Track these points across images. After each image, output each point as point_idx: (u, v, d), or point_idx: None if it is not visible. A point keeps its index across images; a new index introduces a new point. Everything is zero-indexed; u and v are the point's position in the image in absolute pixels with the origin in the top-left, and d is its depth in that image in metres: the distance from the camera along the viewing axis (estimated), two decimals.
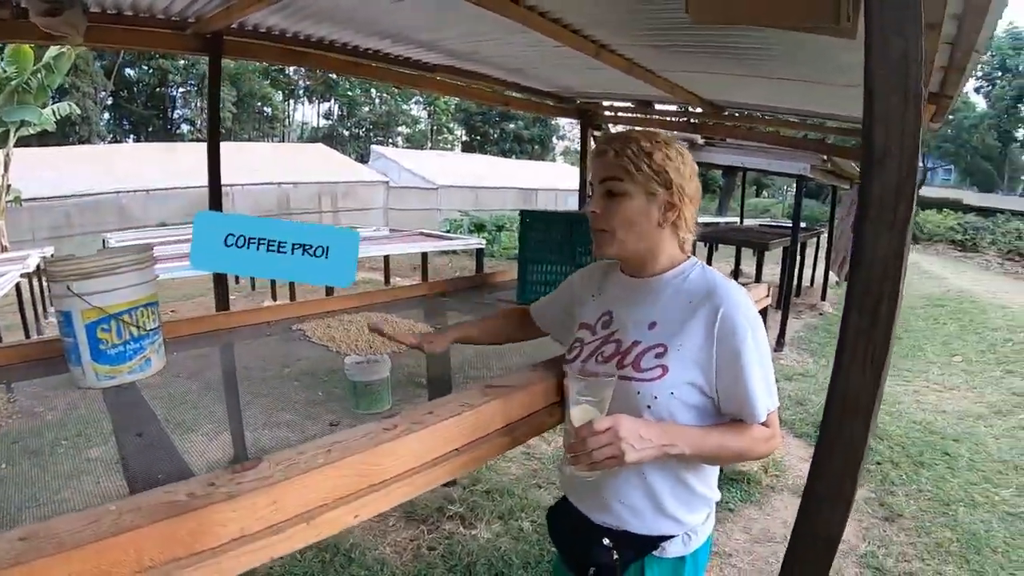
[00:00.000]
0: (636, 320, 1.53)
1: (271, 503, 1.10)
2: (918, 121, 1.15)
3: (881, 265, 1.21)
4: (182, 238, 9.27)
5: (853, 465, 1.32)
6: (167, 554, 0.99)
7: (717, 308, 1.43)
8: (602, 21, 3.32)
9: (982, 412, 5.87)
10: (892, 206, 1.19)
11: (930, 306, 10.87)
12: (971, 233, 23.24)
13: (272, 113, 42.39)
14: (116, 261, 1.99)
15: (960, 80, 3.32)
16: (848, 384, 1.29)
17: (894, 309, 1.22)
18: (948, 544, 3.68)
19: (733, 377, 1.42)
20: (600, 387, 1.37)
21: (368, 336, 2.51)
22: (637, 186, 1.47)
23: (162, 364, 2.16)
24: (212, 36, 3.59)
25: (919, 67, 1.15)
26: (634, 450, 1.31)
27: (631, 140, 1.48)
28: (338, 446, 1.25)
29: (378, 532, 3.65)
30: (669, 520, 1.52)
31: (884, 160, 1.18)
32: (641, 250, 1.53)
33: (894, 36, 1.15)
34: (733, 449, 1.45)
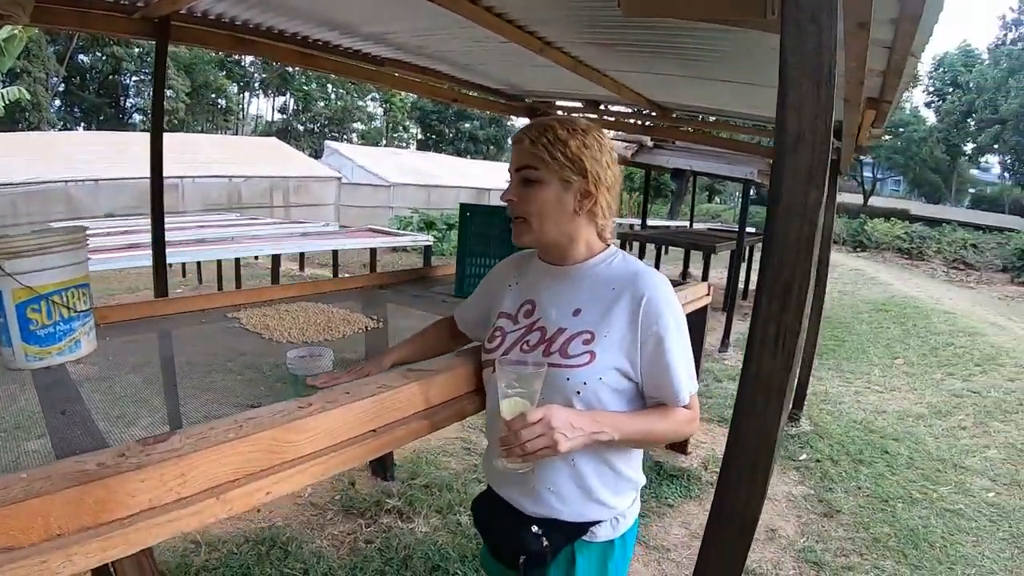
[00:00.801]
0: (560, 308, 1.53)
1: (179, 475, 1.10)
2: (830, 107, 1.17)
3: (792, 251, 1.22)
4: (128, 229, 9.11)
5: (766, 448, 1.33)
6: (75, 523, 0.98)
7: (641, 295, 1.45)
8: (545, 18, 3.33)
9: (922, 412, 6.00)
10: (803, 191, 1.20)
11: (875, 311, 11.07)
12: (917, 242, 23.78)
13: (226, 105, 41.96)
14: (48, 240, 1.94)
15: (898, 84, 3.37)
16: (760, 368, 1.30)
17: (805, 295, 1.23)
18: (886, 539, 3.74)
19: (657, 362, 1.45)
20: (530, 379, 1.37)
21: (301, 326, 2.49)
22: (552, 174, 1.48)
23: (92, 347, 2.12)
24: (160, 21, 3.53)
25: (832, 55, 1.17)
26: (567, 439, 1.32)
27: (547, 128, 1.49)
28: (250, 422, 1.24)
29: (315, 525, 3.61)
30: (597, 505, 1.53)
31: (796, 147, 1.19)
32: (559, 238, 1.54)
33: (808, 24, 1.17)
34: (658, 432, 1.49)
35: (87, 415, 1.59)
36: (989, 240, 23.83)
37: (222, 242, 8.07)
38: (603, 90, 4.88)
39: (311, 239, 8.85)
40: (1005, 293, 17.46)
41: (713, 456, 4.72)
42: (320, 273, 12.49)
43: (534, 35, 3.61)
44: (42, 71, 29.36)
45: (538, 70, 4.50)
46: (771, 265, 1.25)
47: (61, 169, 16.18)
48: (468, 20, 3.20)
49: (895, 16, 2.30)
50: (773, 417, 1.31)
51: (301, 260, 12.89)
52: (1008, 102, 30.29)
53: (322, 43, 4.34)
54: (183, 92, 34.29)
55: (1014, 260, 20.14)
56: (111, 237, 7.96)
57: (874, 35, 2.32)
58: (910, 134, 35.84)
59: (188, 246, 7.44)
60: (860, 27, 2.04)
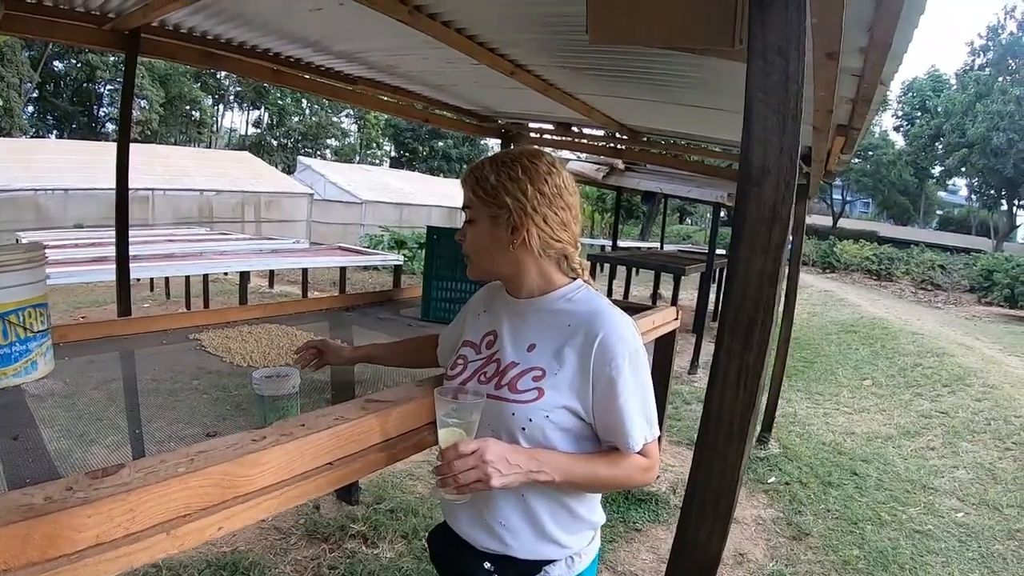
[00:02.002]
0: (515, 341, 1.51)
1: (128, 511, 1.06)
2: (796, 142, 1.15)
3: (755, 288, 1.21)
4: (96, 241, 9.02)
5: (729, 488, 1.31)
6: (21, 558, 0.95)
7: (596, 335, 1.40)
8: (516, 40, 3.33)
9: (891, 433, 6.04)
10: (767, 227, 1.18)
11: (843, 332, 11.16)
12: (886, 263, 24.10)
13: (200, 118, 41.73)
14: (4, 258, 1.89)
15: (867, 112, 3.40)
16: (721, 408, 1.28)
17: (767, 334, 1.21)
18: (856, 562, 3.75)
19: (608, 405, 1.40)
20: (467, 409, 1.35)
21: (264, 348, 2.45)
22: (479, 211, 1.50)
23: (49, 368, 2.07)
24: (130, 33, 3.50)
25: (799, 88, 1.15)
26: (500, 475, 1.30)
27: (479, 166, 1.51)
28: (202, 456, 1.20)
29: (278, 550, 3.55)
30: (551, 544, 1.49)
31: (761, 181, 1.18)
32: (501, 273, 1.55)
33: (775, 56, 1.16)
34: (605, 478, 1.43)
35: (40, 441, 1.55)
36: (956, 261, 24.24)
37: (191, 257, 8.01)
38: (574, 113, 4.90)
39: (281, 256, 8.80)
40: (972, 313, 17.69)
41: (682, 480, 4.69)
42: (290, 290, 12.39)
43: (505, 57, 3.61)
44: (15, 76, 29.03)
45: (509, 92, 4.50)
46: (733, 302, 1.23)
47: (31, 177, 16.01)
48: (439, 41, 3.20)
49: (864, 45, 2.31)
50: (735, 456, 1.29)
51: (271, 277, 12.79)
52: (975, 126, 30.83)
53: (294, 60, 4.32)
54: (157, 103, 34.10)
55: (980, 281, 20.41)
56: (79, 249, 7.89)
57: (843, 64, 2.33)
58: (879, 157, 36.41)
59: (156, 260, 7.38)
60: (828, 57, 2.05)
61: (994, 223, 36.58)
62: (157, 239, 9.82)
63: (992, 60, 33.86)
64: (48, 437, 1.58)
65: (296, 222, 21.01)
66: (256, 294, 11.26)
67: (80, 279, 6.12)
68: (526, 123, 6.22)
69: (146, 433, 1.70)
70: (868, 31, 2.14)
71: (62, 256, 6.82)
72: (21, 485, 1.25)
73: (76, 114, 36.06)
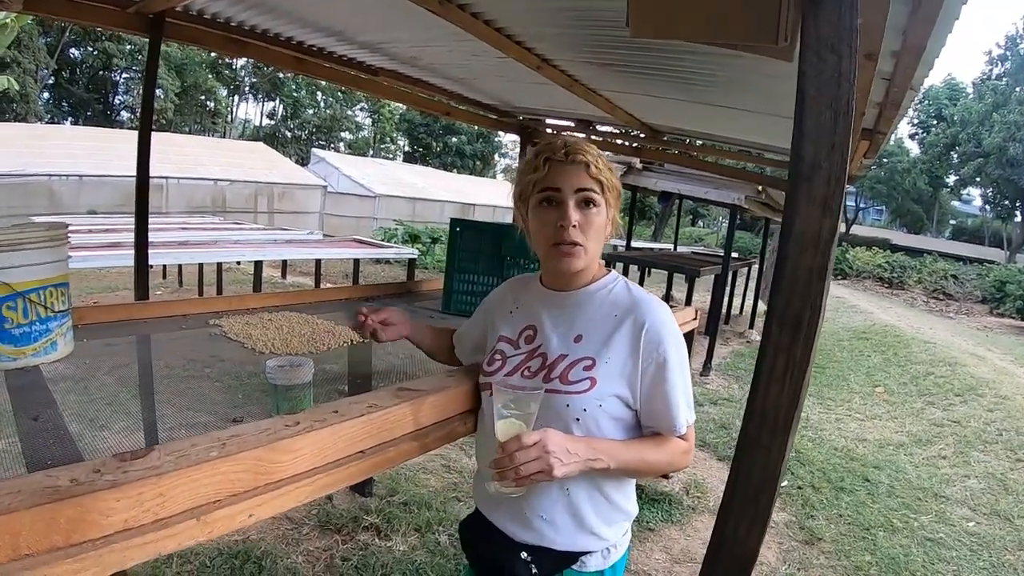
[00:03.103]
0: (561, 333, 1.51)
1: (158, 495, 1.04)
2: (848, 138, 1.14)
3: (804, 283, 1.19)
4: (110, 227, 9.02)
5: (770, 483, 1.30)
6: (45, 543, 0.92)
7: (643, 322, 1.44)
8: (545, 34, 3.31)
9: (903, 441, 6.01)
10: (817, 222, 1.17)
11: (855, 338, 11.12)
12: (898, 271, 23.99)
13: (215, 107, 41.82)
14: (27, 235, 1.88)
15: (895, 116, 3.39)
16: (767, 401, 1.27)
17: (815, 327, 1.20)
18: (867, 568, 3.74)
19: (656, 390, 1.43)
20: (526, 401, 1.35)
21: (284, 336, 2.44)
22: (605, 199, 1.47)
23: (69, 349, 2.06)
24: (155, 17, 3.49)
25: (851, 86, 1.14)
26: (562, 464, 1.29)
27: (597, 153, 1.47)
28: (234, 440, 1.18)
29: (291, 540, 3.55)
30: (590, 536, 1.50)
31: (812, 176, 1.17)
32: (592, 261, 1.53)
33: (828, 53, 1.15)
34: (654, 462, 1.47)
35: (60, 421, 1.53)
36: (969, 271, 24.09)
37: (205, 245, 8.00)
38: (597, 110, 4.88)
39: (295, 247, 8.78)
40: (984, 324, 17.59)
41: (695, 480, 4.69)
42: (302, 281, 12.41)
43: (532, 51, 3.59)
44: (32, 62, 29.12)
45: (532, 87, 4.49)
46: (781, 296, 1.22)
47: (45, 163, 16.03)
48: (467, 33, 3.18)
49: (897, 49, 2.30)
50: (778, 452, 1.28)
51: (284, 267, 12.81)
52: (992, 136, 30.63)
53: (316, 48, 4.31)
54: (172, 92, 34.16)
55: (993, 292, 20.32)
56: (93, 235, 7.88)
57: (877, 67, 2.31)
58: (893, 164, 36.21)
59: (170, 248, 7.37)
60: (868, 58, 2.03)
61: (1007, 234, 36.43)
62: (171, 227, 9.81)
63: (1010, 70, 33.62)
64: (69, 417, 1.57)
65: (309, 214, 21.03)
66: (269, 284, 11.27)
67: (96, 264, 6.11)
68: (543, 119, 6.21)
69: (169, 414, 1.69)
70: (902, 34, 2.12)
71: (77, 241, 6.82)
72: (43, 466, 1.25)
73: (91, 101, 36.13)
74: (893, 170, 36.37)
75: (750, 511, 1.34)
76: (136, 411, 1.75)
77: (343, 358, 2.36)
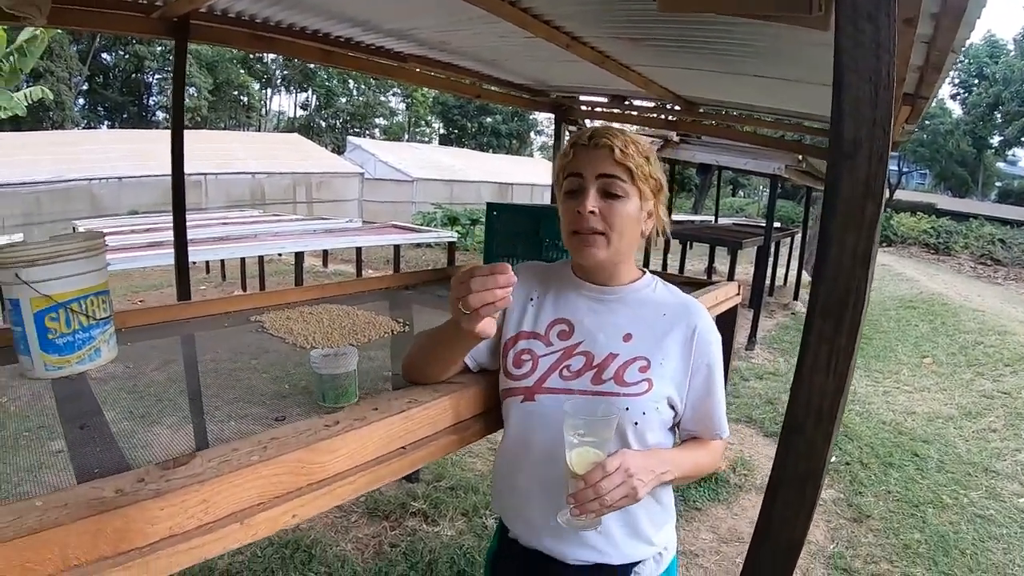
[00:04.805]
0: (608, 331, 1.44)
1: (202, 501, 1.05)
2: (889, 113, 1.10)
3: (848, 266, 1.15)
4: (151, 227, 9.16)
5: (815, 470, 1.27)
6: (93, 553, 0.94)
7: (694, 325, 1.42)
8: (572, 12, 3.27)
9: (952, 414, 5.90)
10: (860, 204, 1.13)
11: (902, 308, 10.94)
12: (944, 237, 23.55)
13: (249, 102, 42.21)
14: (65, 248, 1.91)
15: (936, 81, 3.29)
16: (810, 391, 1.23)
17: (860, 314, 1.16)
18: (916, 546, 3.68)
19: (704, 394, 1.43)
20: (601, 427, 1.27)
21: (325, 329, 2.45)
22: (636, 189, 1.40)
23: (113, 355, 2.08)
24: (179, 20, 3.50)
25: (891, 56, 1.10)
26: (644, 485, 1.26)
27: (631, 140, 1.40)
28: (275, 443, 1.19)
29: (340, 528, 3.59)
30: (643, 543, 1.46)
31: (854, 154, 1.12)
32: (620, 256, 1.45)
33: (865, 22, 1.10)
34: (705, 466, 1.48)
35: (106, 429, 1.55)
36: (1017, 235, 23.54)
37: (245, 239, 8.10)
38: (630, 85, 4.82)
39: (335, 236, 8.84)
40: None
41: (741, 458, 4.66)
42: (343, 268, 12.52)
43: (560, 30, 3.54)
44: (65, 70, 29.69)
45: (564, 65, 4.44)
46: (825, 281, 1.18)
47: (84, 167, 16.36)
48: (493, 15, 3.15)
49: (936, 11, 2.23)
50: (823, 440, 1.24)
51: (324, 256, 12.94)
52: None
53: (343, 40, 4.30)
54: (205, 89, 34.57)
55: None
56: (135, 235, 8.01)
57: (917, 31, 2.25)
58: (936, 127, 35.49)
59: (211, 243, 7.47)
60: (907, 23, 1.97)
61: None
62: (211, 222, 9.95)
63: None
64: (115, 425, 1.59)
65: (347, 201, 21.20)
66: (310, 274, 11.39)
67: (138, 264, 6.21)
68: (577, 96, 6.15)
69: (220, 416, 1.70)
70: None
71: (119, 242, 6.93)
72: (91, 475, 1.26)
73: (126, 104, 36.73)
74: (936, 132, 35.66)
75: (796, 500, 1.31)
76: (183, 415, 1.76)
77: (386, 348, 2.36)
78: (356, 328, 2.46)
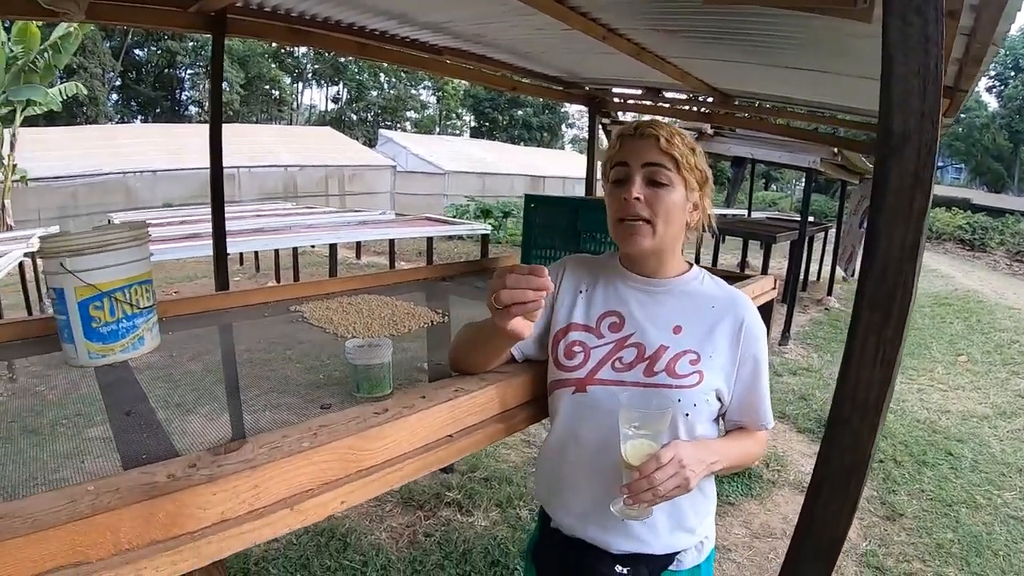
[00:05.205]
0: (658, 324, 1.45)
1: (253, 487, 1.07)
2: (938, 106, 1.10)
3: (896, 258, 1.16)
4: (186, 219, 9.26)
5: (860, 464, 1.27)
6: (145, 537, 0.96)
7: (742, 317, 1.43)
8: (609, 4, 3.26)
9: (986, 413, 5.83)
10: (908, 196, 1.13)
11: (936, 304, 10.79)
12: (979, 233, 23.10)
13: (280, 96, 42.52)
14: (110, 238, 1.94)
15: (976, 73, 3.26)
16: (858, 382, 1.24)
17: (907, 305, 1.16)
18: (949, 546, 3.64)
19: (751, 386, 1.44)
20: (656, 419, 1.29)
21: (365, 319, 2.48)
22: (681, 179, 1.41)
23: (156, 343, 2.12)
24: (216, 14, 3.54)
25: (939, 50, 1.10)
26: (695, 475, 1.28)
27: (676, 132, 1.42)
28: (324, 430, 1.21)
29: (374, 517, 3.63)
30: (686, 533, 1.47)
31: (902, 147, 1.12)
32: (665, 247, 1.46)
33: (913, 16, 1.10)
34: (751, 456, 1.51)
35: (152, 416, 1.57)
36: None
37: (280, 231, 8.16)
38: (665, 77, 4.80)
39: (368, 228, 8.90)
40: None
41: (775, 454, 4.64)
42: (376, 260, 12.59)
43: (597, 22, 3.54)
44: (98, 66, 30.17)
45: (599, 57, 4.44)
46: (873, 273, 1.18)
47: (119, 161, 16.59)
48: (530, 8, 3.14)
49: (976, 3, 2.21)
50: (868, 432, 1.25)
51: (358, 248, 13.01)
52: None
53: (379, 33, 4.32)
54: (237, 84, 34.89)
55: None
56: (170, 227, 8.11)
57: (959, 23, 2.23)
58: (971, 120, 34.96)
59: (246, 235, 7.54)
60: (951, 16, 1.96)
61: None
62: (245, 215, 10.04)
63: None
64: (160, 411, 1.61)
65: (379, 194, 21.29)
66: (344, 265, 11.46)
67: (175, 255, 6.29)
68: (610, 88, 6.13)
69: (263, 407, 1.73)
70: None
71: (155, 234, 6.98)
72: (138, 461, 1.29)
73: (159, 99, 37.20)
74: (971, 126, 35.14)
75: (839, 494, 1.32)
76: (227, 401, 1.79)
77: (420, 339, 2.38)
78: (395, 319, 2.49)
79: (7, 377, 1.85)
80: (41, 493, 0.98)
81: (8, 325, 2.20)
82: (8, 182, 13.43)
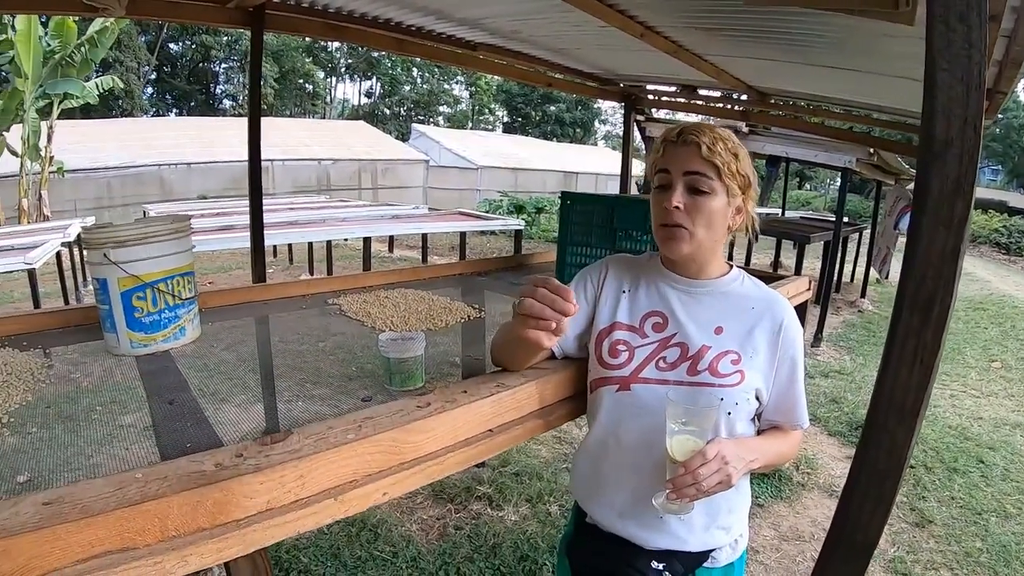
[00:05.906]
0: (700, 324, 1.47)
1: (299, 477, 1.09)
2: (980, 113, 1.10)
3: (936, 263, 1.16)
4: (221, 211, 9.35)
5: (895, 467, 1.28)
6: (192, 524, 0.99)
7: (780, 318, 1.45)
8: (647, 1, 3.26)
9: (1020, 421, 5.73)
10: (950, 202, 1.13)
11: (971, 309, 10.63)
12: (1016, 236, 22.67)
13: (314, 90, 42.77)
14: (153, 229, 1.99)
15: (1016, 75, 3.22)
16: (895, 385, 1.24)
17: (947, 310, 1.17)
18: (978, 554, 3.60)
19: (788, 386, 1.46)
20: (702, 416, 1.32)
21: (402, 313, 2.51)
22: (722, 186, 1.41)
23: (197, 334, 2.17)
24: (255, 9, 3.57)
25: (982, 56, 1.10)
26: (737, 472, 1.31)
27: (720, 137, 1.42)
28: (369, 422, 1.24)
29: (405, 509, 3.66)
30: (721, 530, 1.49)
31: (944, 153, 1.13)
32: (705, 251, 1.47)
33: (957, 23, 1.10)
34: (787, 454, 1.52)
35: (195, 405, 1.61)
36: None
37: (314, 224, 8.22)
38: (701, 75, 4.78)
39: (402, 222, 8.93)
40: None
41: (805, 456, 4.62)
42: (409, 255, 12.65)
43: (634, 19, 3.54)
44: (134, 60, 30.63)
45: (635, 54, 4.42)
46: (913, 276, 1.19)
47: (154, 153, 16.83)
48: (567, 4, 3.14)
49: (1017, 4, 2.19)
50: (905, 436, 1.25)
51: (390, 242, 13.08)
52: None
53: (415, 28, 4.34)
54: (271, 78, 35.13)
55: None
56: (205, 219, 8.21)
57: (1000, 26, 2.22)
58: (1009, 121, 34.37)
59: (280, 228, 7.62)
60: (992, 20, 1.95)
61: None
62: (279, 208, 10.14)
63: None
64: (203, 401, 1.65)
65: (412, 188, 21.38)
66: (377, 259, 11.52)
67: (211, 247, 6.37)
68: (644, 85, 6.11)
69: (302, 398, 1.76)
70: None
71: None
72: (182, 450, 1.34)
73: (193, 93, 37.58)
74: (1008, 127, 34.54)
75: (874, 497, 1.32)
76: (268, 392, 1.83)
77: (453, 334, 2.41)
78: (432, 313, 2.52)
79: (46, 364, 1.89)
80: (90, 479, 1.02)
81: (48, 314, 2.27)
82: (45, 173, 13.69)
